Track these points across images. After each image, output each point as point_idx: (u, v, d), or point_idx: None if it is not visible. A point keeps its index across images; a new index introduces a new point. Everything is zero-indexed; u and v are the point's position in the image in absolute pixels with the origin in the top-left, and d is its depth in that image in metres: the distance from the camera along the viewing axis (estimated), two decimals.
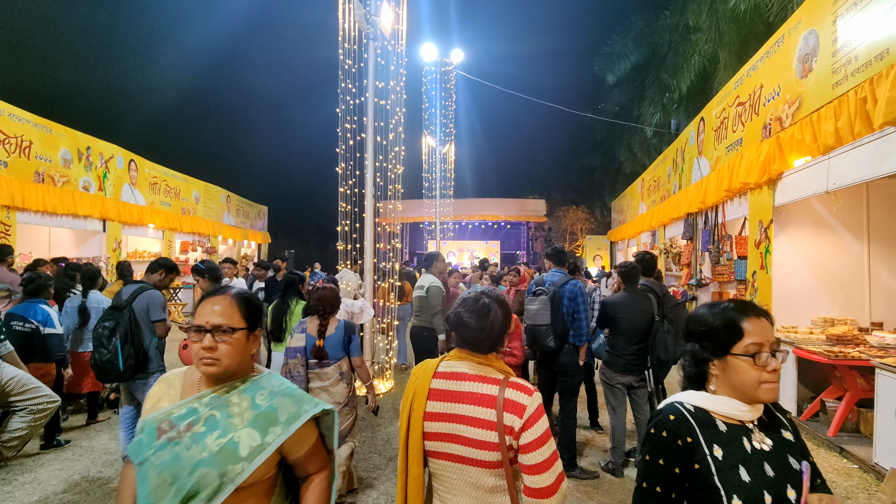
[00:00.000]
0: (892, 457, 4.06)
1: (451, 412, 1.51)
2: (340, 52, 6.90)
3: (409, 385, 1.64)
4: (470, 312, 1.58)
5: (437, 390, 1.56)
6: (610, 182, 24.90)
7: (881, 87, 3.99)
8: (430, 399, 1.55)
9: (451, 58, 13.74)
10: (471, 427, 1.48)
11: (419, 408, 1.56)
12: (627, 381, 4.35)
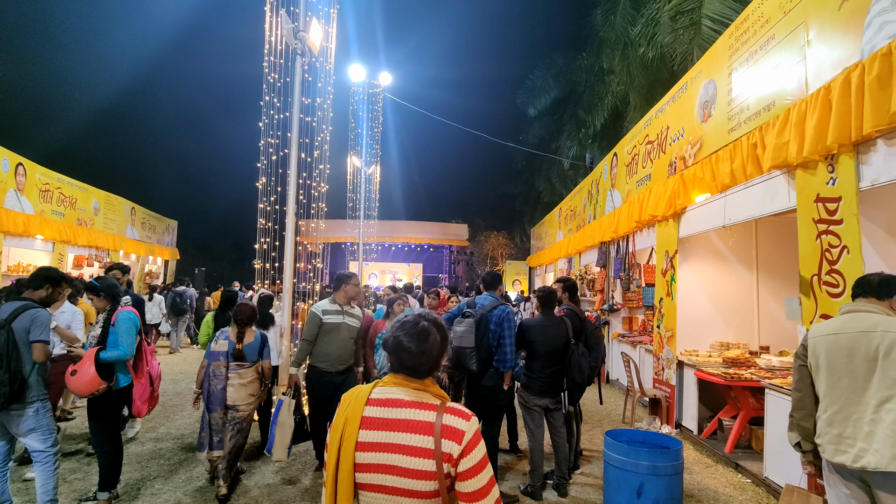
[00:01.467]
0: (779, 471, 4.42)
1: (386, 441, 1.45)
2: (266, 64, 6.70)
3: (338, 414, 1.53)
4: (409, 336, 1.53)
5: (371, 418, 1.48)
6: (530, 210, 25.86)
7: (769, 134, 4.46)
8: (362, 428, 1.47)
9: (379, 80, 13.78)
10: (406, 456, 1.42)
11: (350, 437, 1.47)
12: (544, 403, 4.44)
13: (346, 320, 4.57)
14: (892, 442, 2.28)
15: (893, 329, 2.38)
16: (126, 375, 3.84)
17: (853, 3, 3.65)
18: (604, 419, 6.95)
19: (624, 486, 3.49)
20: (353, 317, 4.66)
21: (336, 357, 4.50)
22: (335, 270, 27.01)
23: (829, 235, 3.81)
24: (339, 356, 4.52)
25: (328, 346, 4.48)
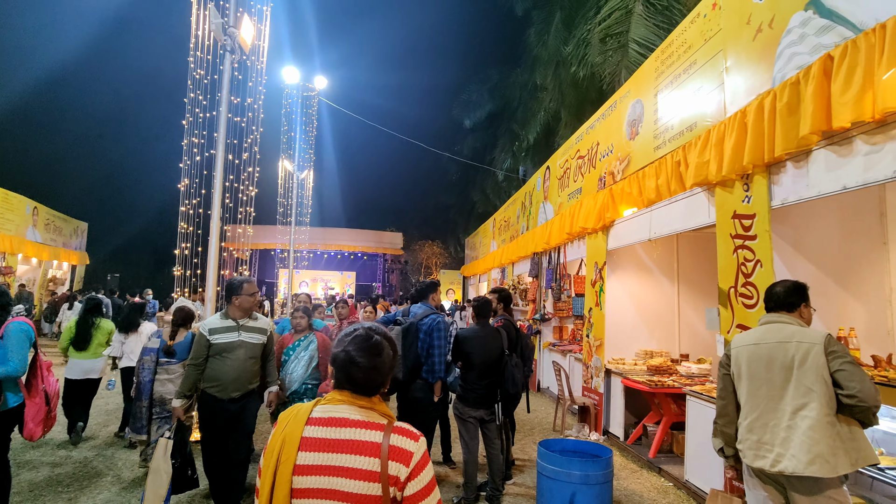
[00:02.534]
0: (698, 474, 4.63)
1: (328, 464, 1.33)
2: (191, 60, 6.32)
3: (274, 434, 1.39)
4: (361, 350, 1.44)
5: (312, 439, 1.36)
6: (464, 220, 26.15)
7: (691, 153, 4.71)
8: (301, 449, 1.35)
9: (314, 83, 13.45)
10: (350, 480, 1.31)
11: (288, 460, 1.33)
12: (479, 414, 4.41)
13: (244, 337, 3.76)
14: (808, 448, 2.40)
15: (807, 339, 2.53)
16: (17, 394, 3.42)
17: (766, 35, 3.94)
18: (535, 427, 7.04)
19: (557, 495, 3.50)
20: (254, 331, 3.82)
21: (230, 381, 3.69)
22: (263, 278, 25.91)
23: (744, 250, 4.06)
24: (233, 380, 3.70)
25: (220, 368, 3.68)
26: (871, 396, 2.36)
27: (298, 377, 4.47)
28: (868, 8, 3.06)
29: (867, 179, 3.08)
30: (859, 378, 2.38)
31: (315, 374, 4.58)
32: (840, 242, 4.33)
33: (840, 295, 4.31)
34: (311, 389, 4.54)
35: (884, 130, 2.96)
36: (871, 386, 2.38)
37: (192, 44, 6.31)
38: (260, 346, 3.86)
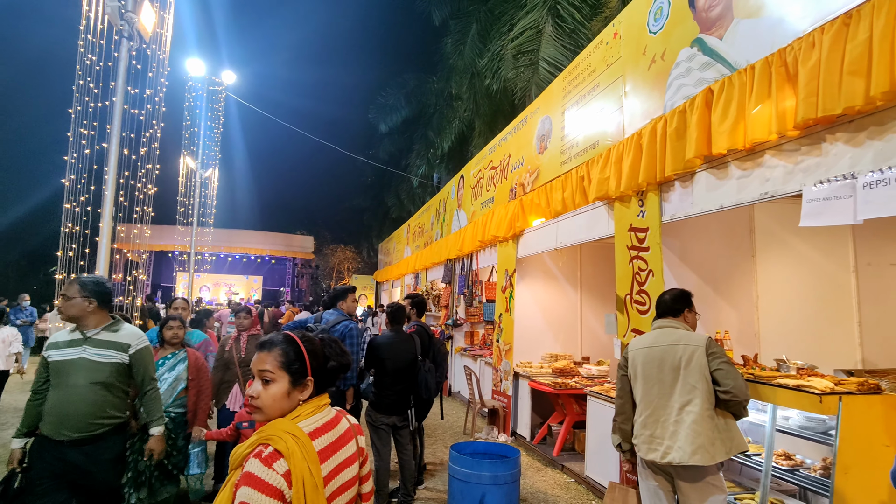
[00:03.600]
0: (597, 469, 4.95)
1: (338, 462, 1.45)
2: (81, 44, 5.78)
3: (294, 471, 1.30)
4: (342, 353, 1.59)
5: (323, 450, 1.42)
6: (378, 224, 25.99)
7: (594, 169, 5.06)
8: (321, 463, 1.39)
9: (222, 78, 12.77)
10: (350, 467, 1.49)
11: (316, 482, 1.34)
12: (392, 421, 4.42)
13: (88, 354, 2.80)
14: (691, 440, 2.69)
15: (692, 343, 2.83)
16: None
17: (659, 66, 4.34)
18: (446, 431, 7.16)
19: (467, 497, 3.60)
20: (105, 347, 2.85)
21: (63, 416, 2.71)
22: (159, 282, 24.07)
23: (639, 260, 4.43)
24: (67, 415, 2.71)
25: (52, 398, 2.77)
26: (742, 392, 2.69)
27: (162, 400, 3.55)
28: (741, 50, 3.48)
29: (739, 200, 3.49)
30: (733, 376, 2.70)
31: (181, 400, 3.77)
32: (717, 255, 4.85)
33: (717, 302, 4.83)
34: (176, 419, 3.70)
35: (752, 158, 3.37)
36: (743, 383, 2.72)
37: (83, 26, 5.78)
38: (111, 368, 2.83)
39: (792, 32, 3.05)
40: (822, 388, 3.01)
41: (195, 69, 11.74)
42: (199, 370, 3.89)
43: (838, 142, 2.81)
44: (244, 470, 1.29)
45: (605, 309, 6.94)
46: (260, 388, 1.42)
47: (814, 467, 3.25)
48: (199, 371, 3.89)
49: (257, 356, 1.46)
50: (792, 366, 3.82)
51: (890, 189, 2.52)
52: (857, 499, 2.89)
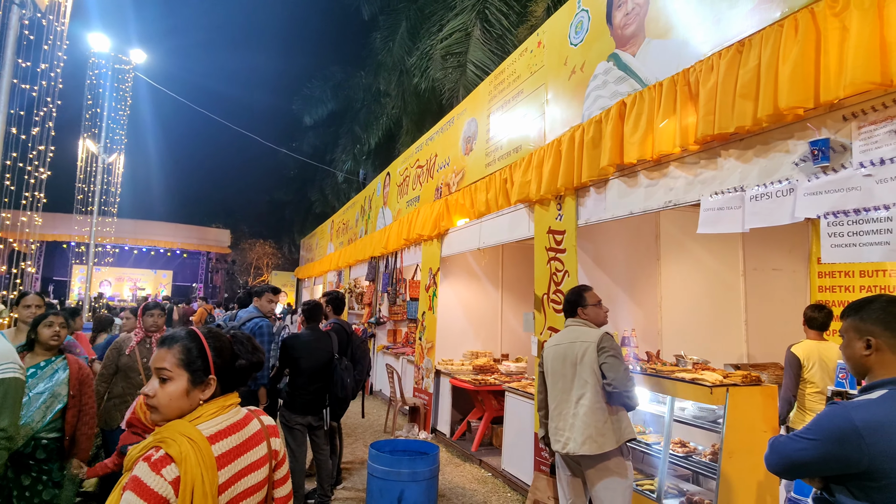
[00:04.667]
0: (514, 463, 5.12)
1: (242, 466, 1.37)
2: None
3: (185, 478, 1.22)
4: (253, 350, 1.52)
5: (223, 454, 1.32)
6: (300, 219, 25.22)
7: (516, 172, 5.23)
8: (219, 469, 1.30)
9: (130, 56, 11.85)
10: (256, 471, 1.40)
11: (207, 489, 1.24)
12: (307, 421, 4.33)
13: None
14: (582, 431, 2.87)
15: (587, 339, 2.99)
16: None
17: (578, 77, 4.56)
18: (367, 430, 7.10)
19: (386, 494, 3.60)
20: None
21: None
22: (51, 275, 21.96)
23: (556, 261, 4.63)
24: None
25: None
26: (621, 383, 2.82)
27: (30, 423, 2.74)
28: (651, 67, 3.74)
29: (647, 207, 3.75)
30: (616, 369, 2.84)
31: (58, 422, 2.84)
32: (627, 258, 5.18)
33: (626, 301, 5.15)
34: (49, 448, 2.81)
35: (659, 169, 3.64)
36: (625, 375, 2.85)
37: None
38: None
39: (695, 55, 3.32)
40: (713, 380, 3.31)
41: (99, 44, 10.80)
42: (83, 383, 2.98)
43: (731, 157, 3.10)
44: (132, 473, 1.21)
45: (525, 308, 7.18)
46: (157, 386, 1.34)
47: (704, 453, 3.56)
48: (83, 384, 2.98)
49: (157, 352, 1.38)
50: (689, 361, 4.16)
51: (772, 202, 2.81)
52: (739, 480, 3.21)
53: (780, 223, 2.78)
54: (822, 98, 2.49)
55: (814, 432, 1.55)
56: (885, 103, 2.35)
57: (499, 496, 4.84)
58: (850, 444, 1.45)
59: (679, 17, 3.53)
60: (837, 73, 2.40)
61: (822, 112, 2.61)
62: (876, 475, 1.43)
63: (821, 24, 2.51)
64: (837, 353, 3.72)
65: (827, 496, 1.57)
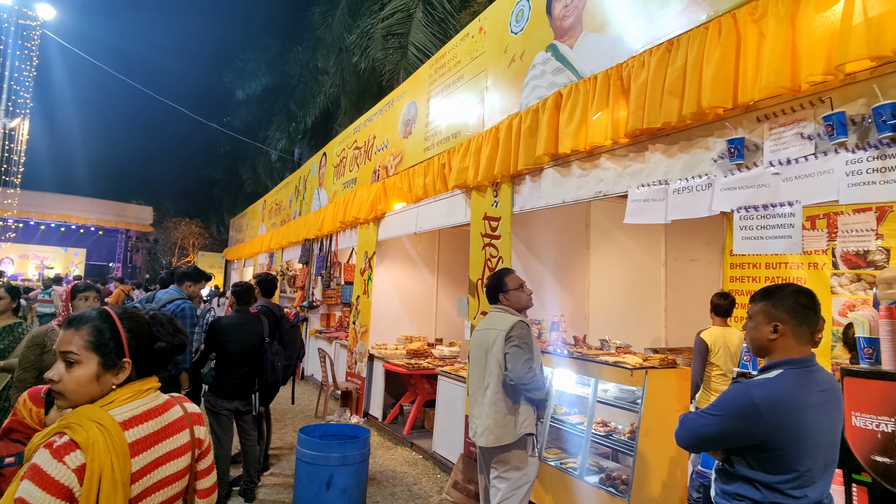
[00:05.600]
0: (444, 445, 5.20)
1: (160, 454, 1.31)
2: None
3: (92, 465, 1.13)
4: (175, 332, 1.44)
5: (138, 441, 1.25)
6: (230, 199, 24.14)
7: (455, 158, 5.23)
8: (133, 456, 1.23)
9: (36, 12, 10.75)
10: (176, 460, 1.35)
11: (117, 477, 1.16)
12: (234, 406, 4.20)
13: None
14: (483, 422, 2.87)
15: (500, 327, 2.92)
16: None
17: (517, 66, 4.61)
18: (297, 416, 6.97)
19: (314, 479, 3.55)
20: None
21: None
22: None
23: (490, 247, 4.70)
24: None
25: None
26: (517, 376, 2.75)
27: None
28: (587, 60, 3.84)
29: (579, 196, 3.87)
30: (515, 360, 2.78)
31: None
32: (559, 245, 5.33)
33: (557, 288, 5.32)
34: None
35: (591, 160, 3.76)
36: (523, 368, 2.76)
37: None
38: None
39: (628, 51, 3.44)
40: (633, 363, 3.49)
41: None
42: None
43: (657, 151, 3.25)
44: (31, 461, 1.12)
45: (460, 293, 7.26)
46: (62, 370, 1.24)
47: (623, 432, 3.76)
48: None
49: (63, 334, 1.28)
50: (612, 345, 4.37)
51: (692, 195, 2.98)
52: (654, 456, 3.42)
53: (699, 215, 2.95)
54: (740, 99, 2.65)
55: (718, 409, 1.67)
56: (793, 107, 2.54)
57: (429, 477, 4.91)
58: (750, 418, 1.58)
59: (615, 13, 3.63)
60: (754, 76, 2.56)
61: (739, 112, 2.78)
62: (769, 446, 1.57)
63: (741, 29, 2.66)
64: (739, 338, 4.05)
65: (728, 467, 1.70)
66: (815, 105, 2.46)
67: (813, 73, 2.34)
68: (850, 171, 2.29)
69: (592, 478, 3.65)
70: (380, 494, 4.46)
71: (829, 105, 2.41)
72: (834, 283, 4.64)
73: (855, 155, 2.28)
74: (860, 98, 2.29)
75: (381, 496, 4.42)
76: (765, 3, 2.55)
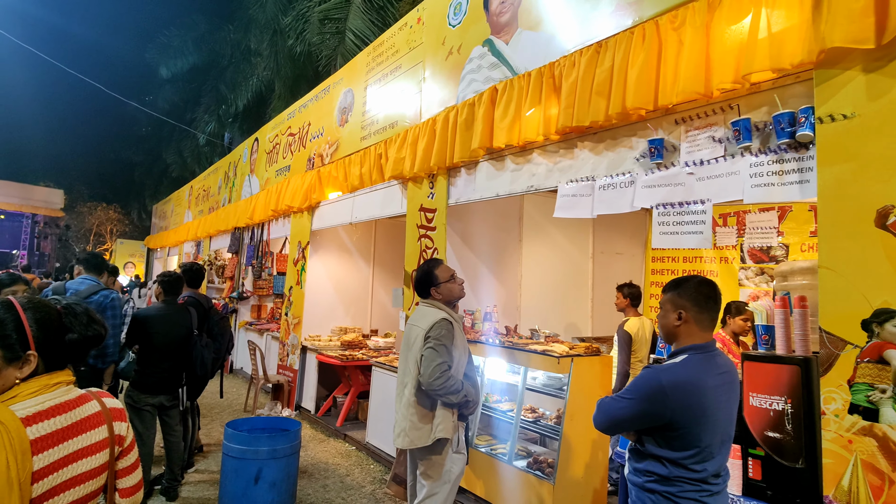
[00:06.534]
0: (378, 436, 5.20)
1: (70, 451, 1.24)
2: None
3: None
4: (89, 323, 1.36)
5: (43, 437, 1.17)
6: (153, 183, 22.75)
7: (391, 148, 5.21)
8: (35, 454, 1.15)
9: None
10: (89, 457, 1.28)
11: (12, 476, 1.09)
12: (159, 401, 4.00)
13: None
14: (399, 423, 2.79)
15: (421, 325, 2.77)
16: None
17: (454, 59, 4.64)
18: (225, 410, 6.74)
19: (242, 474, 3.46)
20: None
21: None
22: None
23: (426, 239, 4.73)
24: None
25: None
26: (427, 382, 2.64)
27: None
28: (522, 57, 3.93)
29: (512, 190, 3.97)
30: (429, 363, 2.64)
31: None
32: (493, 238, 5.45)
33: (490, 279, 5.44)
34: None
35: (524, 155, 3.86)
36: (434, 373, 2.63)
37: None
38: None
39: (560, 50, 3.55)
40: (561, 351, 3.65)
41: None
42: None
43: (585, 149, 3.39)
44: None
45: (396, 284, 7.25)
46: None
47: (551, 417, 3.93)
48: None
49: None
50: (542, 334, 4.53)
51: (616, 191, 3.14)
52: (578, 440, 3.60)
53: (622, 211, 3.11)
54: (660, 102, 2.81)
55: (631, 392, 1.79)
56: (706, 112, 2.73)
57: (362, 468, 4.90)
58: (658, 401, 1.70)
59: (549, 12, 3.74)
60: (673, 80, 2.73)
61: (659, 115, 2.95)
62: (675, 426, 1.70)
63: (663, 36, 2.82)
64: (650, 326, 4.33)
65: (639, 446, 1.83)
66: (726, 111, 2.65)
67: (723, 81, 2.53)
68: (752, 173, 2.49)
69: (521, 462, 3.78)
70: (311, 487, 4.40)
71: (737, 111, 2.61)
72: (741, 276, 5.04)
73: (757, 158, 2.49)
74: (763, 106, 2.50)
75: (312, 489, 4.38)
76: (684, 13, 2.72)
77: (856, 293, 2.06)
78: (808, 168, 2.30)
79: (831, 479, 2.09)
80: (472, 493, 4.02)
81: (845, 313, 2.09)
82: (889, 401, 1.96)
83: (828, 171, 2.18)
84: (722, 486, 1.81)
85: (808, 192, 2.30)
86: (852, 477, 2.03)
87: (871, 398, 2.01)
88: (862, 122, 2.09)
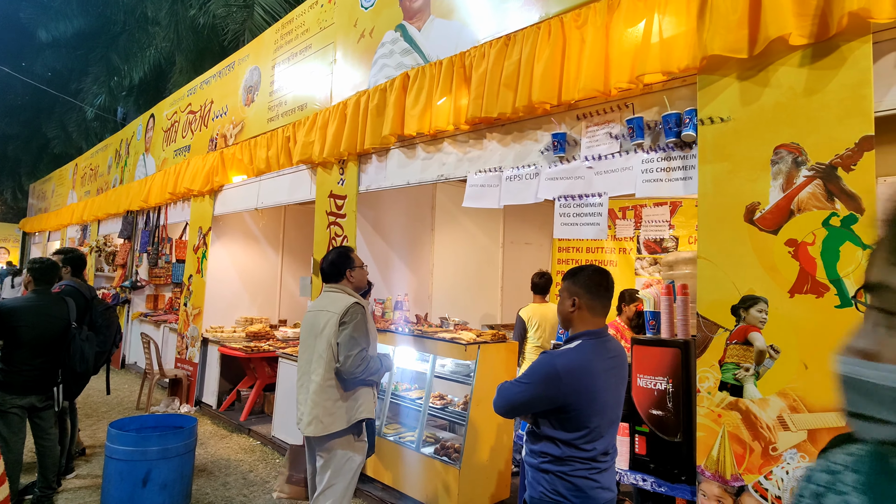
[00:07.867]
0: (284, 429, 5.03)
1: None
2: None
3: None
4: None
5: None
6: (31, 159, 20.29)
7: (300, 132, 5.00)
8: None
9: None
10: None
11: None
12: (29, 402, 3.60)
13: None
14: (310, 410, 2.70)
15: (332, 309, 2.72)
16: None
17: (367, 42, 4.52)
18: (113, 409, 6.21)
19: (127, 478, 3.21)
20: None
21: None
22: None
23: (336, 226, 4.61)
24: None
25: None
26: (346, 369, 2.63)
27: None
28: (434, 45, 3.90)
29: (423, 179, 3.96)
30: (349, 348, 2.63)
31: None
32: (405, 226, 5.42)
33: (402, 268, 5.42)
34: None
35: (435, 143, 3.86)
36: (357, 359, 2.63)
37: None
38: None
39: (471, 40, 3.57)
40: (468, 339, 3.71)
41: None
42: None
43: (494, 140, 3.45)
44: None
45: (307, 272, 7.03)
46: None
47: (458, 404, 3.99)
48: None
49: None
50: (451, 322, 4.58)
51: (522, 183, 3.22)
52: (483, 424, 3.69)
53: (527, 202, 3.20)
54: (564, 97, 2.91)
55: (528, 377, 1.85)
56: (605, 109, 2.87)
57: (266, 463, 4.72)
58: (553, 384, 1.77)
59: (462, 1, 3.74)
60: (575, 77, 2.83)
61: (563, 110, 3.06)
62: (567, 409, 1.78)
63: (567, 34, 2.91)
64: (554, 312, 4.53)
65: (535, 429, 1.90)
66: (622, 109, 2.80)
67: (620, 81, 2.66)
68: (644, 168, 2.65)
69: (428, 449, 3.82)
70: (210, 486, 4.17)
71: (632, 110, 2.76)
72: (638, 266, 5.40)
73: (648, 155, 2.65)
74: (655, 106, 2.66)
75: (211, 487, 4.15)
76: (586, 12, 2.82)
77: (727, 282, 2.26)
78: (692, 166, 2.49)
79: (703, 450, 2.29)
80: (379, 483, 4.01)
81: (719, 300, 2.29)
82: (751, 378, 2.18)
83: (707, 169, 2.36)
84: (610, 463, 1.93)
85: (690, 188, 2.48)
86: (720, 447, 2.24)
87: (737, 376, 2.22)
88: (736, 125, 2.29)
